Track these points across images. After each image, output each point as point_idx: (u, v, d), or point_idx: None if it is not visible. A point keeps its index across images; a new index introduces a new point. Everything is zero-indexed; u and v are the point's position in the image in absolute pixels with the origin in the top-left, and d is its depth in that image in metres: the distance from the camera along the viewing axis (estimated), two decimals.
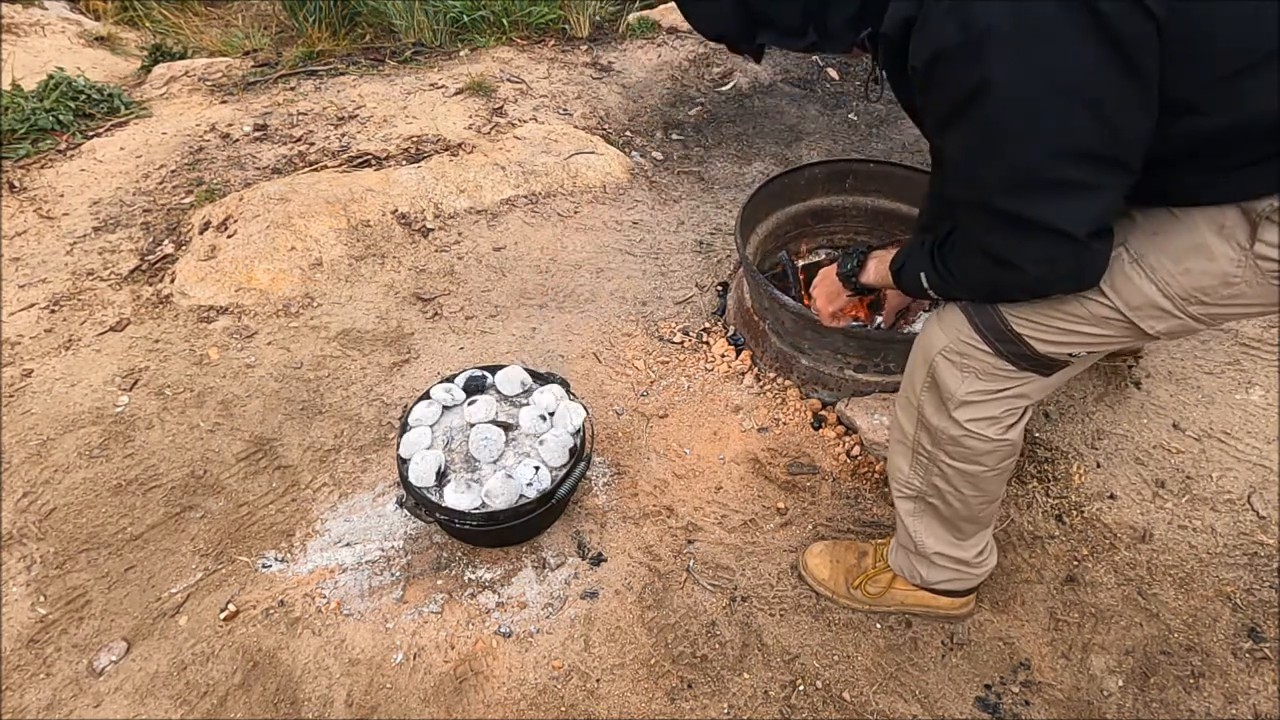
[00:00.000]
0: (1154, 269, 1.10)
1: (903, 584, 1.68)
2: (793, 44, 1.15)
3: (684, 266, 2.61)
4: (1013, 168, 1.00)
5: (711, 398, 2.18)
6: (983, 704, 1.60)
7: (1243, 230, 1.03)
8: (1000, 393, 1.29)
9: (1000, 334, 1.22)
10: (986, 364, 1.26)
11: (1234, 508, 1.92)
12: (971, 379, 1.28)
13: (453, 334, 2.38)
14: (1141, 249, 1.11)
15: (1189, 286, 1.09)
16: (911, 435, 1.43)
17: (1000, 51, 0.92)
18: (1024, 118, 0.96)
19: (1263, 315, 1.15)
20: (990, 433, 1.33)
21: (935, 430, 1.37)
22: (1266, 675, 1.64)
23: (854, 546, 1.76)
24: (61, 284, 2.54)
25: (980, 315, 1.23)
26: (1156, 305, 1.12)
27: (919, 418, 1.40)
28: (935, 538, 1.55)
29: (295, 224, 2.66)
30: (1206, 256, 1.06)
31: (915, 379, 1.37)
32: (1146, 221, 1.11)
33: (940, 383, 1.32)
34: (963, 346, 1.26)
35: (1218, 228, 1.04)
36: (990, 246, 1.10)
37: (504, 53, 3.80)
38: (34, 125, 3.18)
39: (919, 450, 1.44)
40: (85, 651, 1.66)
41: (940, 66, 0.97)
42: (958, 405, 1.31)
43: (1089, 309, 1.16)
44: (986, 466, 1.38)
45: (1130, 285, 1.11)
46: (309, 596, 1.75)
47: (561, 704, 1.59)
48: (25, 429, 2.09)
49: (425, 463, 1.71)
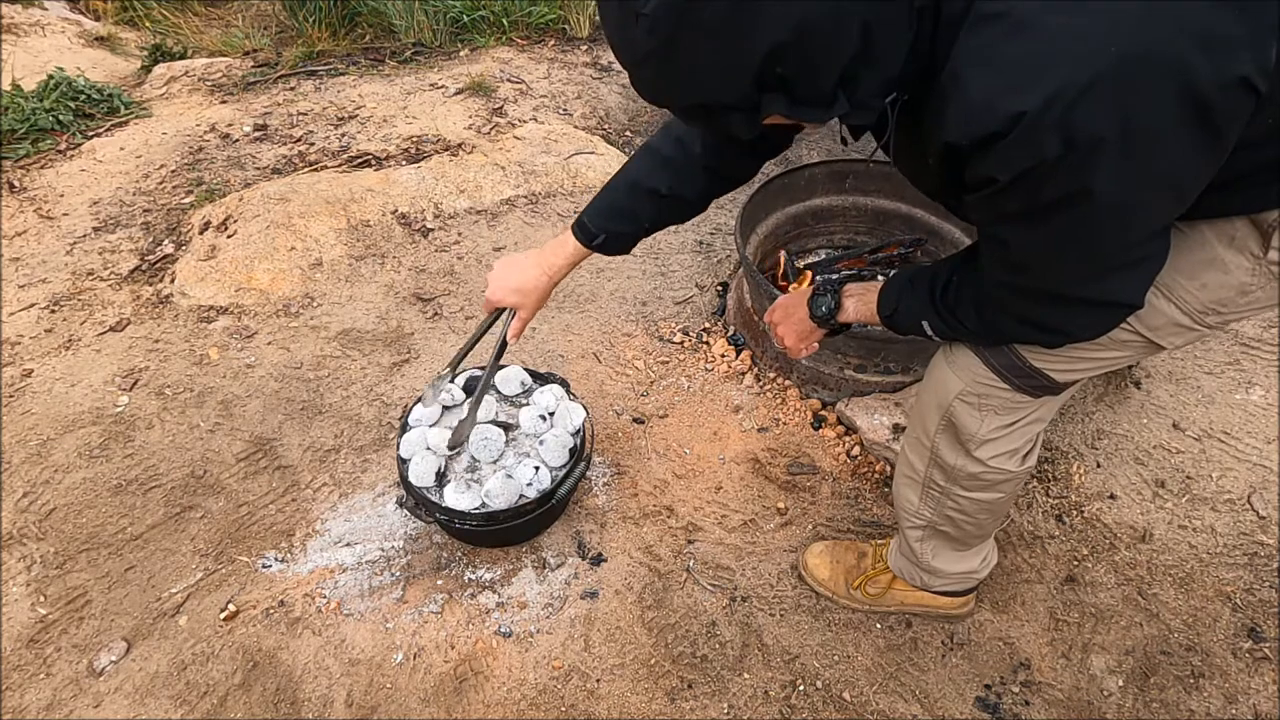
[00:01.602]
0: (1171, 289, 1.08)
1: (902, 584, 1.68)
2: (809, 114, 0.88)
3: (684, 266, 2.61)
4: (1093, 262, 0.96)
5: (711, 398, 2.18)
6: (983, 704, 1.60)
7: (1254, 239, 1.02)
8: (1018, 423, 1.28)
9: (1019, 371, 1.19)
10: (1005, 400, 1.24)
11: (1234, 508, 1.92)
12: (991, 416, 1.26)
13: (453, 334, 2.38)
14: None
15: (1207, 301, 1.07)
16: (923, 473, 1.41)
17: (1106, 162, 0.84)
18: (1120, 220, 0.91)
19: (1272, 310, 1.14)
20: (1011, 465, 1.32)
21: (952, 469, 1.35)
22: (1266, 675, 1.64)
23: (854, 547, 1.76)
24: (61, 284, 2.54)
25: (997, 357, 1.20)
26: (1177, 323, 1.10)
27: (932, 458, 1.37)
28: (943, 559, 1.55)
29: (295, 224, 2.66)
30: (1221, 270, 1.04)
31: (928, 422, 1.34)
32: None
33: (959, 425, 1.29)
34: (980, 388, 1.24)
35: (1228, 240, 1.03)
36: (1038, 318, 1.05)
37: (504, 53, 3.80)
38: (34, 125, 3.18)
39: (931, 486, 1.42)
40: (85, 651, 1.66)
41: (1032, 177, 0.87)
42: (980, 444, 1.29)
43: (1110, 336, 1.13)
44: (1004, 494, 1.38)
45: (1150, 309, 1.08)
46: (309, 596, 1.75)
47: (561, 704, 1.59)
48: (25, 429, 2.09)
49: (425, 463, 1.71)
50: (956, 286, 1.14)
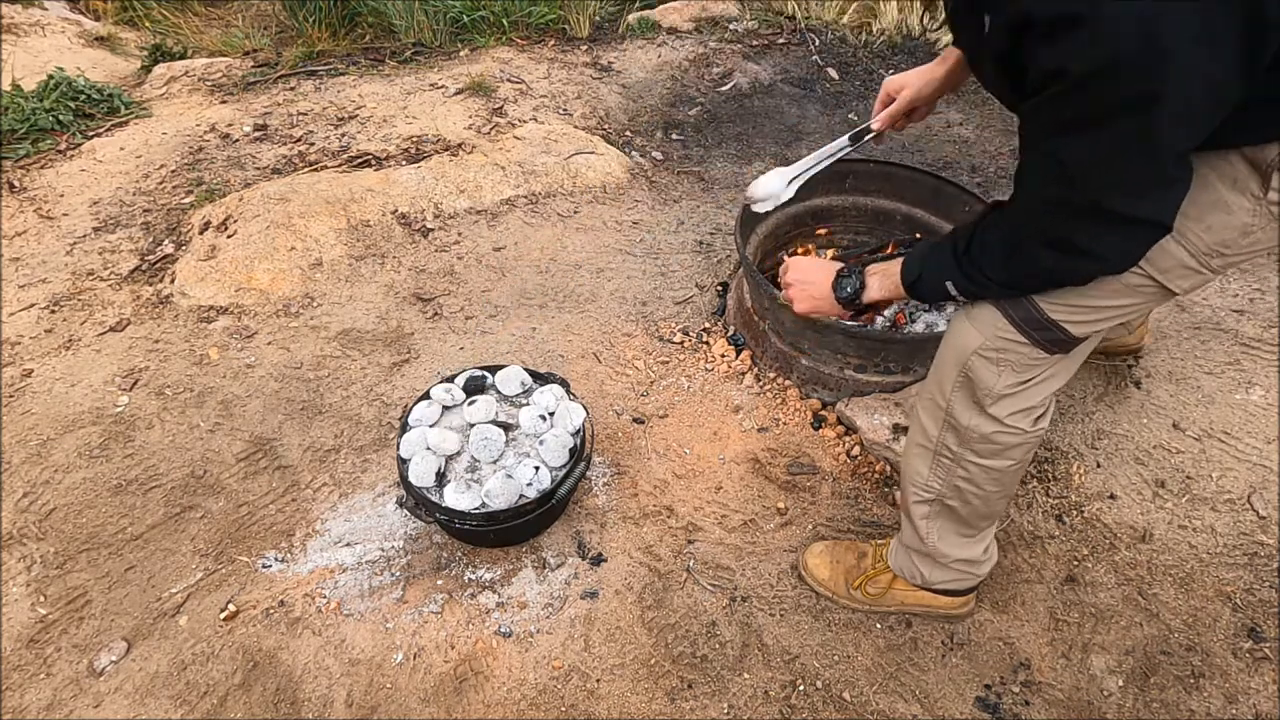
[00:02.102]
0: (1180, 232, 1.10)
1: (903, 584, 1.68)
2: None
3: (684, 266, 2.61)
4: (1143, 172, 0.97)
5: (711, 398, 2.18)
6: (983, 704, 1.60)
7: (1254, 181, 1.06)
8: (1034, 380, 1.30)
9: (1037, 324, 1.22)
10: (1022, 356, 1.26)
11: (1234, 508, 1.92)
12: (1008, 372, 1.29)
13: (453, 334, 2.38)
14: None
15: (1212, 243, 1.11)
16: (935, 438, 1.43)
17: (1179, 64, 0.85)
18: (1183, 128, 0.93)
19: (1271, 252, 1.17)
20: (1025, 425, 1.34)
21: (965, 430, 1.37)
22: (1266, 675, 1.64)
23: (854, 547, 1.76)
24: (61, 284, 2.54)
25: (1015, 309, 1.23)
26: (1185, 265, 1.14)
27: (946, 419, 1.39)
28: (948, 541, 1.55)
29: (295, 224, 2.66)
30: (1225, 211, 1.09)
31: (944, 380, 1.36)
32: None
33: (976, 380, 1.31)
34: (1000, 343, 1.26)
35: (1230, 182, 1.07)
36: (1069, 237, 1.06)
37: (504, 53, 3.80)
38: (34, 125, 3.18)
39: (942, 453, 1.43)
40: (85, 651, 1.66)
41: (1107, 74, 0.88)
42: (996, 400, 1.31)
43: (1123, 281, 1.16)
44: (1014, 461, 1.39)
45: (1160, 251, 1.12)
46: (309, 596, 1.75)
47: (561, 704, 1.59)
48: (25, 429, 2.09)
49: (425, 463, 1.71)
50: (981, 237, 1.16)
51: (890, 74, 1.68)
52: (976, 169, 3.10)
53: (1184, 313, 2.40)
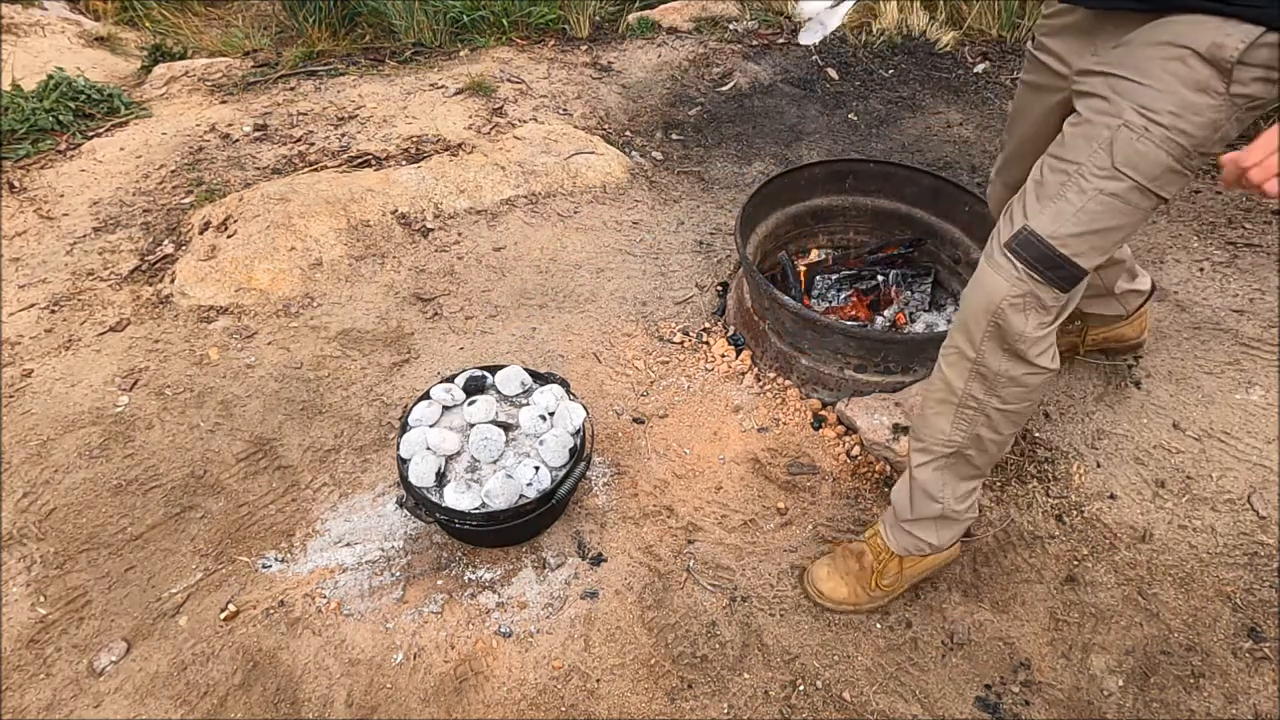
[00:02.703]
0: (1161, 140, 1.21)
1: (910, 561, 1.70)
2: None
3: (684, 266, 2.61)
4: None
5: (711, 398, 2.18)
6: (983, 704, 1.60)
7: (1218, 80, 1.18)
8: (1053, 320, 1.38)
9: (1051, 262, 1.30)
10: (1043, 297, 1.34)
11: (1234, 508, 1.92)
12: (1035, 314, 1.35)
13: (453, 334, 2.38)
14: (1140, 121, 1.23)
15: (1189, 145, 1.22)
16: (961, 390, 1.46)
17: None
18: None
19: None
20: (1047, 362, 1.41)
21: (995, 376, 1.42)
22: (1266, 675, 1.64)
23: (848, 551, 1.75)
24: (61, 284, 2.54)
25: (1029, 250, 1.31)
26: (1170, 170, 1.24)
27: (974, 368, 1.43)
28: (958, 492, 1.59)
29: (295, 224, 2.66)
30: (1194, 113, 1.20)
31: (974, 331, 1.41)
32: (1132, 94, 1.24)
33: (1007, 327, 1.36)
34: (1023, 287, 1.33)
35: (1194, 85, 1.19)
36: None
37: (504, 53, 3.80)
38: (34, 125, 3.18)
39: (967, 404, 1.47)
40: (85, 651, 1.66)
41: None
42: (1030, 343, 1.37)
43: (1122, 197, 1.26)
44: (1033, 401, 1.46)
45: (1146, 160, 1.23)
46: (309, 596, 1.75)
47: (561, 704, 1.59)
48: (25, 429, 2.09)
49: (425, 463, 1.71)
50: None
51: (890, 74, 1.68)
52: (976, 169, 3.10)
53: (1184, 313, 2.40)
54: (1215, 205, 2.80)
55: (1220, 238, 2.66)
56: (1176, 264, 2.57)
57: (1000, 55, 3.76)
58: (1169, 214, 2.78)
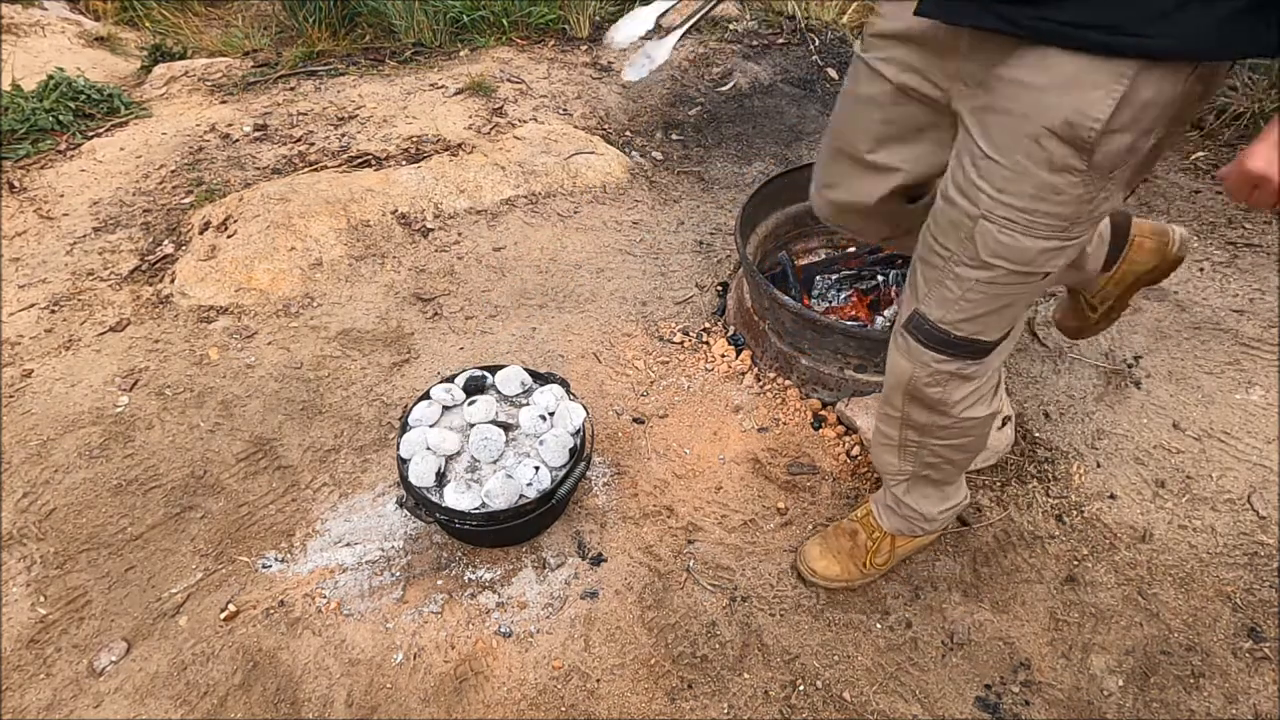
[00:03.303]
0: (1023, 227, 1.10)
1: (903, 540, 1.72)
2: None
3: (684, 266, 2.61)
4: None
5: (711, 398, 2.18)
6: (983, 704, 1.60)
7: (1077, 159, 1.02)
8: (984, 376, 1.35)
9: (953, 343, 1.26)
10: (958, 369, 1.31)
11: (1234, 508, 1.92)
12: (955, 383, 1.33)
13: (453, 334, 2.38)
14: (999, 211, 1.10)
15: (1058, 224, 1.10)
16: (897, 437, 1.48)
17: None
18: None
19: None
20: (980, 412, 1.39)
21: (925, 426, 1.42)
22: (1266, 675, 1.64)
23: (840, 530, 1.78)
24: (61, 284, 2.54)
25: (926, 334, 1.27)
26: (1044, 250, 1.13)
27: (904, 422, 1.44)
28: (930, 501, 1.62)
29: (295, 224, 2.66)
30: (1055, 192, 1.06)
31: (895, 400, 1.41)
32: (989, 174, 1.09)
33: (926, 398, 1.36)
34: (932, 367, 1.31)
35: (1050, 166, 1.04)
36: None
37: (504, 53, 3.80)
38: (34, 125, 3.18)
39: (906, 444, 1.48)
40: (85, 651, 1.66)
41: None
42: (954, 404, 1.36)
43: (1001, 284, 1.17)
44: (975, 437, 1.45)
45: (1013, 249, 1.12)
46: (309, 596, 1.75)
47: (561, 704, 1.59)
48: (25, 429, 2.09)
49: (425, 463, 1.71)
50: None
51: None
52: None
53: (1184, 312, 2.40)
54: (1215, 205, 2.80)
55: (1220, 238, 2.66)
56: None
57: None
58: (1169, 214, 2.78)
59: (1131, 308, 2.42)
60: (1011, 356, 2.29)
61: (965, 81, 1.13)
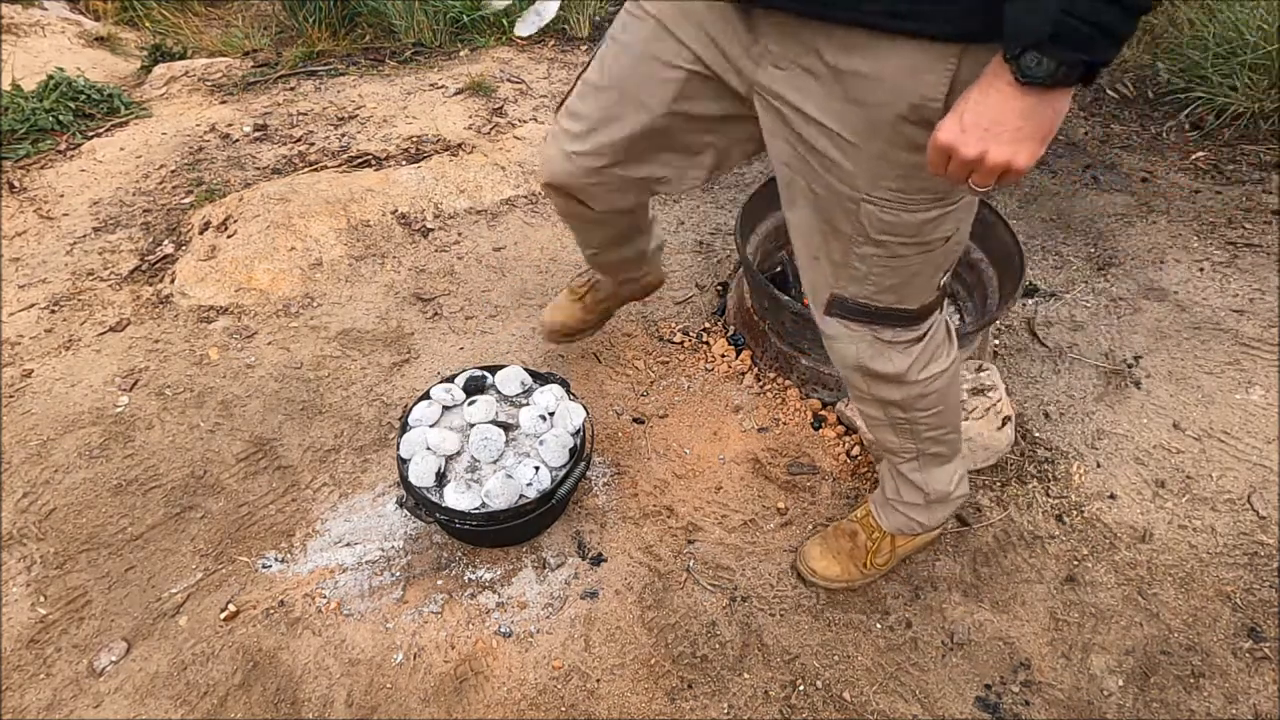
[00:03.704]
0: (903, 203, 1.12)
1: (903, 539, 1.73)
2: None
3: (684, 266, 2.61)
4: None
5: (711, 398, 2.18)
6: (983, 704, 1.60)
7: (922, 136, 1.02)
8: (921, 341, 1.36)
9: (876, 314, 1.28)
10: (892, 337, 1.32)
11: (1234, 508, 1.92)
12: (897, 351, 1.34)
13: (453, 334, 2.38)
14: (877, 194, 1.12)
15: (936, 194, 1.12)
16: (884, 417, 1.50)
17: None
18: None
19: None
20: (941, 365, 1.40)
21: (900, 401, 1.43)
22: (1266, 675, 1.64)
23: (840, 531, 1.78)
24: (61, 284, 2.54)
25: (849, 311, 1.29)
26: (931, 219, 1.14)
27: (880, 402, 1.46)
28: (942, 478, 1.61)
29: (295, 224, 2.66)
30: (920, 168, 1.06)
31: (857, 384, 1.43)
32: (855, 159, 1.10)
33: (882, 374, 1.37)
34: (868, 341, 1.33)
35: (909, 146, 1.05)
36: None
37: (504, 53, 3.80)
38: (34, 125, 3.18)
39: (897, 422, 1.49)
40: (85, 651, 1.66)
41: None
42: (908, 370, 1.37)
43: (902, 255, 1.19)
44: (951, 386, 1.46)
45: (899, 224, 1.15)
46: (309, 597, 1.75)
47: (561, 704, 1.59)
48: (25, 429, 2.09)
49: (425, 463, 1.71)
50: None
51: None
52: None
53: (1184, 312, 2.40)
54: (1215, 205, 2.80)
55: (1220, 238, 2.66)
56: (1176, 264, 2.57)
57: None
58: (1169, 214, 2.78)
59: (1131, 308, 2.42)
60: (1011, 356, 2.29)
61: (777, 64, 1.11)
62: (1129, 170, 3.03)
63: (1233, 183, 2.92)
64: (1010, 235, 2.08)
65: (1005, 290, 2.07)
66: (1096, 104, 3.43)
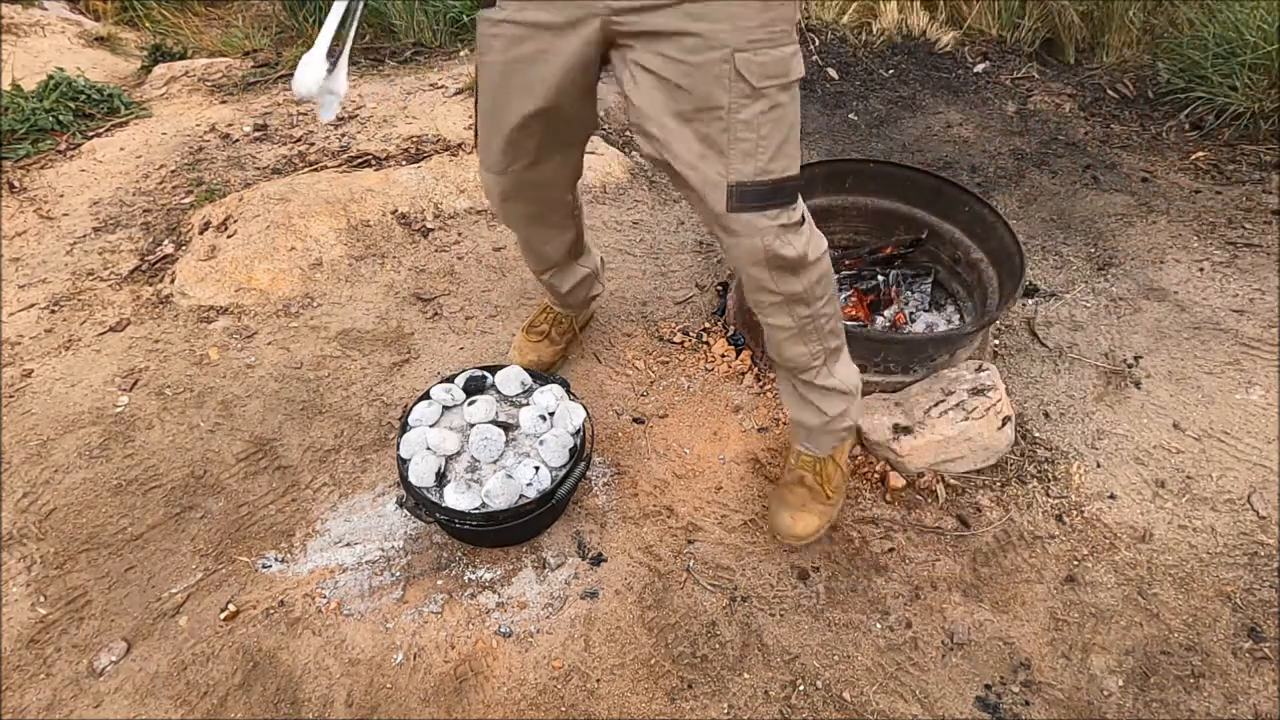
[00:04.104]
0: (769, 39, 1.27)
1: (840, 455, 1.83)
2: None
3: (684, 266, 2.61)
4: None
5: (711, 398, 2.18)
6: (983, 704, 1.60)
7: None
8: (802, 220, 1.45)
9: (772, 191, 1.36)
10: (786, 220, 1.40)
11: (1234, 508, 1.92)
12: (791, 234, 1.42)
13: (453, 334, 2.38)
14: (745, 39, 1.25)
15: (790, 23, 1.29)
16: (794, 322, 1.56)
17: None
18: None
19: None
20: (821, 245, 1.50)
21: (801, 294, 1.51)
22: (1266, 675, 1.64)
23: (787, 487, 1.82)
24: (61, 284, 2.54)
25: (749, 197, 1.36)
26: (792, 55, 1.30)
27: (785, 300, 1.52)
28: (848, 367, 1.72)
29: (295, 224, 2.66)
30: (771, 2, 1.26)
31: (765, 282, 1.48)
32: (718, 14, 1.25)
33: (787, 259, 1.43)
34: (771, 226, 1.39)
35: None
36: None
37: None
38: (34, 125, 3.18)
39: (805, 326, 1.57)
40: (85, 651, 1.66)
41: None
42: (804, 253, 1.45)
43: (780, 104, 1.31)
44: (829, 269, 1.55)
45: (771, 64, 1.27)
46: (309, 597, 1.75)
47: (561, 704, 1.59)
48: (25, 429, 2.09)
49: (425, 463, 1.71)
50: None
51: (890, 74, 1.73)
52: (976, 169, 3.10)
53: (1184, 312, 2.40)
54: (1215, 205, 2.81)
55: (1220, 238, 2.66)
56: (1176, 264, 2.57)
57: (1000, 55, 3.76)
58: (1169, 214, 2.79)
59: (1131, 308, 2.42)
60: (1011, 356, 2.29)
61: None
62: (1129, 170, 3.03)
63: (1233, 183, 2.92)
64: (1010, 235, 2.08)
65: (1005, 290, 2.07)
66: (1097, 104, 3.43)
